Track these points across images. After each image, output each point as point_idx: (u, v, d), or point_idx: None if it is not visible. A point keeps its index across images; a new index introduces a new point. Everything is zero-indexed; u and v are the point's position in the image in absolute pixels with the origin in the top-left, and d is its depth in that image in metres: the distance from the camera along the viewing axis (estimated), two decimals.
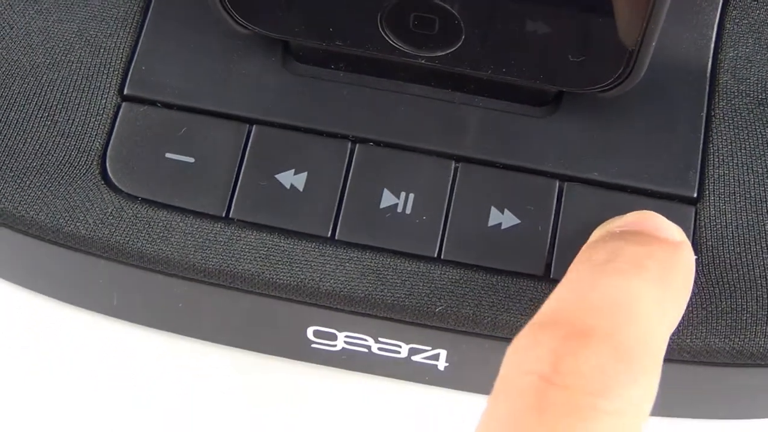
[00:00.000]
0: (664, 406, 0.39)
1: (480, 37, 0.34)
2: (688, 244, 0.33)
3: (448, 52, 0.34)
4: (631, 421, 0.27)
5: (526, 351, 0.27)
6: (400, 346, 0.36)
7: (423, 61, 0.35)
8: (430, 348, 0.36)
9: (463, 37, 0.34)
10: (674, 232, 0.33)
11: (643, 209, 0.35)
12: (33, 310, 0.42)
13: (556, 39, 0.33)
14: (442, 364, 0.37)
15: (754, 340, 0.34)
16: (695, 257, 0.34)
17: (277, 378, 0.40)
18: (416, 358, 0.37)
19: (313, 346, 0.38)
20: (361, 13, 0.34)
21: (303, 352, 0.38)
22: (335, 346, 0.37)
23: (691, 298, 0.35)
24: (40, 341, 0.41)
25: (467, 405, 0.39)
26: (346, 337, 0.37)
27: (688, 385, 0.37)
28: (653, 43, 0.32)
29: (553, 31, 0.33)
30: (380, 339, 0.36)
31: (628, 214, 0.34)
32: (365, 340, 0.36)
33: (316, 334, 0.37)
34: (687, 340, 0.34)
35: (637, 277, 0.30)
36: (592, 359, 0.27)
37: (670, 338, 0.35)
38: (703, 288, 0.35)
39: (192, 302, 0.37)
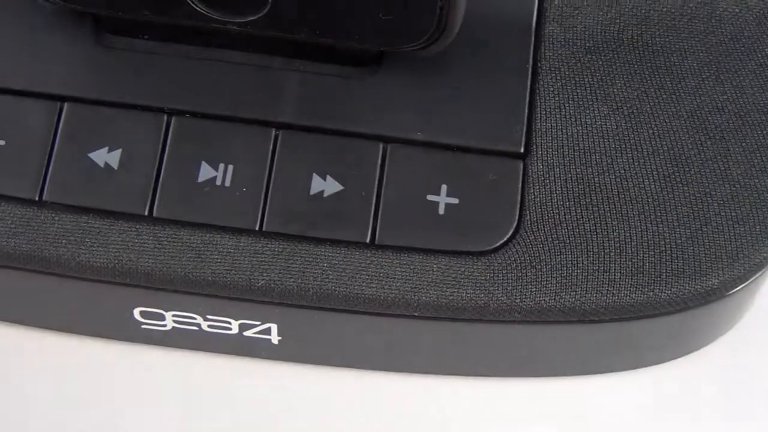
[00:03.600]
0: (500, 369, 0.39)
1: None
2: None
3: (257, 16, 0.33)
4: None
5: None
6: (229, 323, 0.35)
7: (234, 27, 0.34)
8: (260, 323, 0.35)
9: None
10: None
11: (468, 168, 0.34)
12: None
13: None
14: (275, 338, 0.36)
15: (585, 296, 0.34)
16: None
17: (110, 361, 0.39)
18: (248, 333, 0.36)
19: (144, 327, 0.36)
20: None
21: (134, 334, 0.37)
22: (165, 326, 0.36)
23: (519, 257, 0.34)
24: None
25: (309, 378, 0.39)
26: (174, 316, 0.35)
27: (523, 345, 0.36)
28: None
29: None
30: (208, 317, 0.35)
31: None
32: (194, 318, 0.35)
33: (144, 314, 0.36)
34: (517, 300, 0.34)
35: None
36: None
37: (502, 299, 0.34)
38: (532, 246, 0.34)
39: (12, 290, 0.36)
